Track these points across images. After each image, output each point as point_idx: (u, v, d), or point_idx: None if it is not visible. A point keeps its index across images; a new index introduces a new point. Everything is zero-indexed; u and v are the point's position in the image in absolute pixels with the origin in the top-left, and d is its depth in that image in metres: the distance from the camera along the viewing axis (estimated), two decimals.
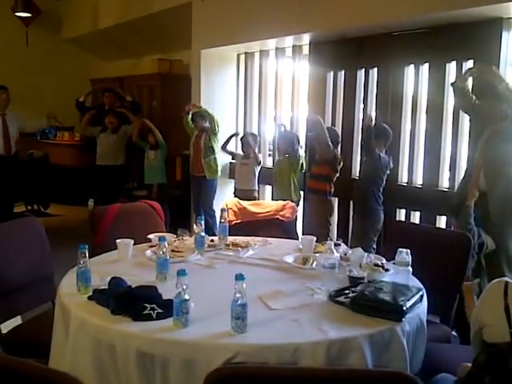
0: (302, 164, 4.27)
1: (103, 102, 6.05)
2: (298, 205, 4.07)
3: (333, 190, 4.00)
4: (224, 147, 4.92)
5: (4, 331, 2.19)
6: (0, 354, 2.05)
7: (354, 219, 3.94)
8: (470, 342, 1.53)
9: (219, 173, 4.99)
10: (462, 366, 1.52)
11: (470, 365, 1.41)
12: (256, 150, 4.72)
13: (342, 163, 4.03)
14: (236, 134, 5.09)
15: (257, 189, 4.72)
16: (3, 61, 7.03)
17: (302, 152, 4.32)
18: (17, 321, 2.35)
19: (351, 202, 4.16)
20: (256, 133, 5.10)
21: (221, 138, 4.94)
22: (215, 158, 4.91)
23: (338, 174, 4.02)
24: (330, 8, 3.93)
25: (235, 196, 4.53)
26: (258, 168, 4.68)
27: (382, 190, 3.70)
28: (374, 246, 3.70)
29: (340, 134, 4.33)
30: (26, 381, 1.16)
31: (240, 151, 4.88)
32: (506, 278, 1.48)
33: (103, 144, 5.59)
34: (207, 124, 4.83)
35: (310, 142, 4.08)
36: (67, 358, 1.67)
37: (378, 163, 3.64)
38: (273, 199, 4.45)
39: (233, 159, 5.10)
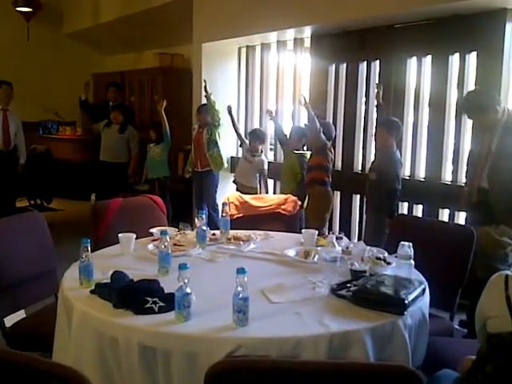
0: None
1: (107, 96, 6.04)
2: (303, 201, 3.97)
3: (330, 179, 3.90)
4: (235, 128, 4.83)
5: (8, 325, 2.20)
6: (4, 347, 2.07)
7: (370, 216, 3.75)
8: (477, 338, 1.53)
9: (225, 164, 4.93)
10: (465, 359, 1.52)
11: (473, 357, 1.41)
12: (263, 153, 4.65)
13: (332, 152, 3.93)
14: (229, 108, 4.82)
15: (258, 187, 4.65)
16: (4, 56, 7.02)
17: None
18: (20, 315, 2.36)
19: (356, 197, 4.09)
20: (257, 127, 5.06)
21: (223, 130, 4.87)
22: (219, 151, 4.84)
23: (330, 164, 3.91)
24: (332, 0, 3.90)
25: (237, 189, 4.52)
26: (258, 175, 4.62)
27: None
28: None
29: (342, 128, 4.30)
30: (29, 374, 1.17)
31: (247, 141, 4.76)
32: (507, 271, 1.48)
33: (107, 139, 5.56)
34: (209, 119, 4.82)
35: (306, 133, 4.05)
36: (70, 351, 1.68)
37: (397, 160, 3.55)
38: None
39: (240, 146, 4.99)
